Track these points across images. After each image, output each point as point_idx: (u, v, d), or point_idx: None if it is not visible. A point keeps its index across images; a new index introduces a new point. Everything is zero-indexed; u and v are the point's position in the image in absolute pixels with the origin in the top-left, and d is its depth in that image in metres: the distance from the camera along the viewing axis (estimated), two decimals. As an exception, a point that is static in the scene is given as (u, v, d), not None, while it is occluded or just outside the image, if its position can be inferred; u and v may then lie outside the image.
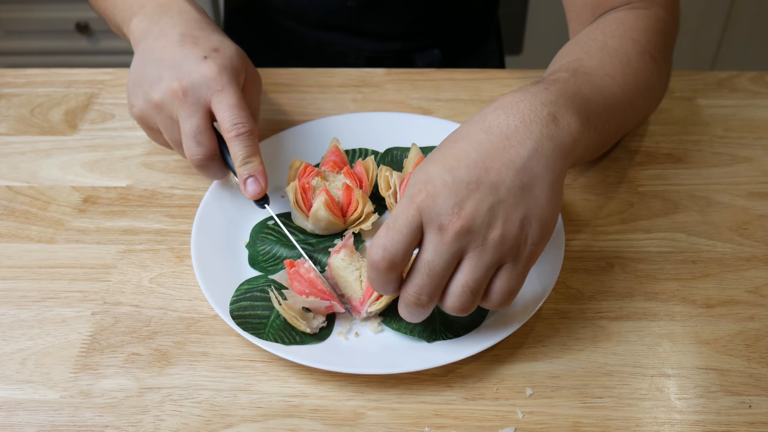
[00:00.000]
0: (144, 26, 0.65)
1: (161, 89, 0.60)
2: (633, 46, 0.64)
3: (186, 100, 0.60)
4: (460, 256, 0.49)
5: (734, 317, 0.60)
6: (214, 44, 0.62)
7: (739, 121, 0.79)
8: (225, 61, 0.61)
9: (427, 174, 0.49)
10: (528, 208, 0.49)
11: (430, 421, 0.53)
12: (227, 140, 0.61)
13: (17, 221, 0.68)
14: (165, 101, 0.60)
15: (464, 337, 0.56)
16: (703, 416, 0.53)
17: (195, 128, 0.60)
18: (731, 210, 0.69)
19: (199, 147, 0.61)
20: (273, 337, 0.55)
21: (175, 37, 0.62)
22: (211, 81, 0.60)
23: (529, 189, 0.49)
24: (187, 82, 0.60)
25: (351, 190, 0.63)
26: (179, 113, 0.60)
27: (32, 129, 0.78)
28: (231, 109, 0.60)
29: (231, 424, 0.53)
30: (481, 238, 0.48)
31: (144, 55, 0.63)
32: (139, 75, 0.63)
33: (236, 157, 0.61)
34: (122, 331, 0.59)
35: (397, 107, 0.80)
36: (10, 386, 0.55)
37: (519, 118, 0.50)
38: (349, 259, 0.59)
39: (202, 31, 0.63)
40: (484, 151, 0.49)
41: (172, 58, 0.61)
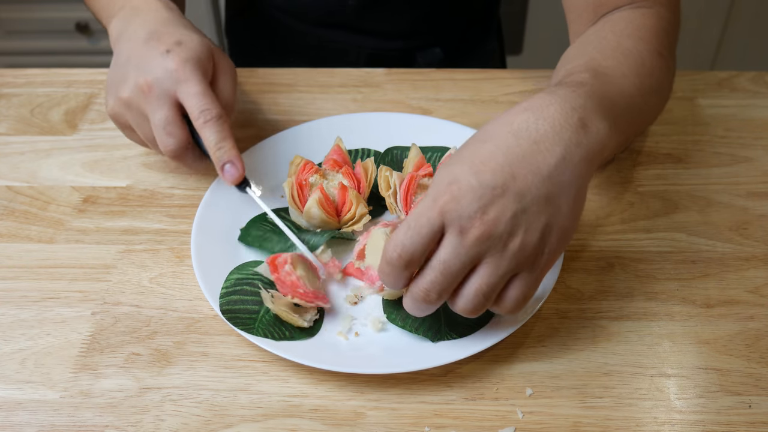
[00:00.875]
0: (119, 28, 0.67)
1: (128, 87, 0.62)
2: (644, 46, 0.64)
3: (152, 94, 0.61)
4: (477, 261, 0.48)
5: (734, 317, 0.60)
6: (176, 38, 0.63)
7: (739, 121, 0.79)
8: (188, 53, 0.62)
9: (453, 174, 0.48)
10: (550, 217, 0.48)
11: (430, 421, 0.53)
12: (198, 129, 0.62)
13: (17, 221, 0.68)
14: (132, 98, 0.62)
15: (464, 336, 0.56)
16: (703, 416, 0.53)
17: (164, 119, 0.61)
18: (731, 210, 0.69)
19: (170, 137, 0.62)
20: (263, 332, 0.55)
21: (142, 35, 0.64)
22: (174, 73, 0.61)
23: (554, 199, 0.48)
24: (152, 77, 0.61)
25: (346, 190, 0.63)
26: (147, 108, 0.62)
27: (32, 129, 0.78)
28: (196, 96, 0.61)
29: (231, 424, 0.53)
30: (501, 245, 0.47)
31: (117, 57, 0.65)
32: (111, 76, 0.65)
33: (208, 143, 0.62)
34: (122, 331, 0.59)
35: (397, 107, 0.80)
36: (10, 386, 0.55)
37: (549, 122, 0.49)
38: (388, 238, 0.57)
39: (167, 27, 0.64)
40: (512, 156, 0.48)
41: (138, 56, 0.63)
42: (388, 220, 0.60)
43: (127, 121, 0.64)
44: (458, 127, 0.74)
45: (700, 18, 1.80)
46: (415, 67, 0.89)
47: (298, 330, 0.56)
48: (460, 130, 0.74)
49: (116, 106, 0.64)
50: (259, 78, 0.84)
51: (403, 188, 0.63)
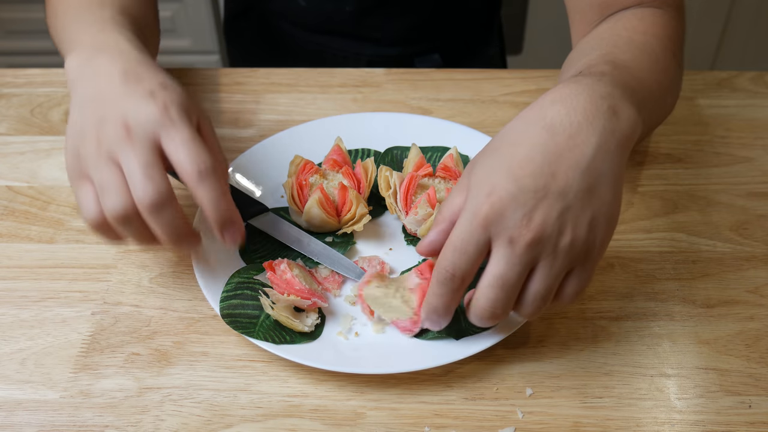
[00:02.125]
0: (78, 66, 0.57)
1: (104, 130, 0.51)
2: (657, 43, 0.63)
3: (131, 137, 0.51)
4: (532, 266, 0.48)
5: (734, 317, 0.60)
6: (159, 80, 0.54)
7: (739, 121, 0.79)
8: (174, 96, 0.53)
9: (490, 184, 0.47)
10: (595, 209, 0.48)
11: (430, 421, 0.53)
12: (189, 184, 0.52)
13: (17, 221, 0.68)
14: (104, 140, 0.51)
15: (486, 330, 0.56)
16: (703, 416, 0.53)
17: (144, 164, 0.50)
18: (731, 210, 0.69)
19: (150, 182, 0.50)
20: (263, 336, 0.55)
21: (115, 74, 0.54)
22: (159, 116, 0.51)
23: (596, 189, 0.48)
24: (132, 119, 0.51)
25: (346, 190, 0.63)
26: (121, 153, 0.51)
27: (32, 129, 0.78)
28: (187, 144, 0.51)
29: (231, 424, 0.53)
30: (552, 246, 0.47)
31: (82, 99, 0.55)
32: (77, 122, 0.53)
33: (204, 201, 0.52)
34: (122, 331, 0.59)
35: (397, 107, 0.80)
36: (10, 386, 0.55)
37: (581, 114, 0.48)
38: (384, 285, 0.57)
39: (145, 67, 0.56)
40: (549, 154, 0.47)
41: (114, 96, 0.53)
42: (368, 274, 0.58)
43: (86, 169, 0.52)
44: (458, 127, 0.74)
45: (700, 18, 1.80)
46: None
47: (299, 334, 0.56)
48: (460, 130, 0.74)
49: (81, 153, 0.52)
50: (259, 78, 0.84)
51: (403, 188, 0.63)
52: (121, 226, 0.52)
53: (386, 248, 0.65)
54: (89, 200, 0.52)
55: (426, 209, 0.61)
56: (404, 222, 0.64)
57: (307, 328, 0.56)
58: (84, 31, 0.61)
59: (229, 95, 0.82)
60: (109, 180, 0.51)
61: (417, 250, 0.53)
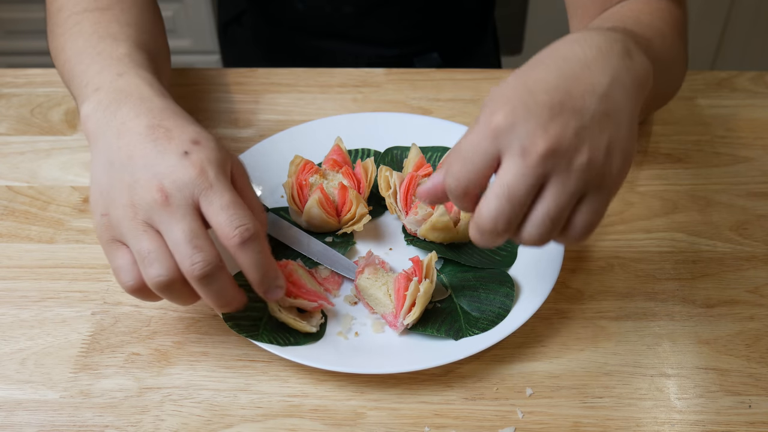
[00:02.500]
0: (99, 119, 0.54)
1: (138, 195, 0.49)
2: (663, 24, 0.63)
3: (169, 205, 0.49)
4: (543, 182, 0.45)
5: (734, 317, 0.60)
6: (191, 136, 0.51)
7: (739, 121, 0.79)
8: (209, 154, 0.51)
9: (504, 96, 0.45)
10: (612, 135, 0.45)
11: (430, 421, 0.53)
12: (231, 248, 0.50)
13: (17, 221, 0.68)
14: (140, 206, 0.49)
15: (486, 331, 0.56)
16: (703, 416, 0.53)
17: (189, 231, 0.48)
18: (731, 210, 0.69)
19: (199, 252, 0.48)
20: (267, 338, 0.55)
21: (141, 130, 0.52)
22: (196, 179, 0.49)
23: (613, 116, 0.46)
24: (169, 183, 0.49)
25: (346, 190, 0.63)
26: (162, 224, 0.49)
27: (32, 129, 0.78)
28: (227, 208, 0.49)
29: (231, 424, 0.53)
30: (566, 162, 0.44)
31: (107, 157, 0.52)
32: (104, 183, 0.51)
33: (249, 266, 0.50)
34: (122, 331, 0.59)
35: (397, 107, 0.80)
36: (10, 386, 0.55)
37: (596, 48, 0.47)
38: (374, 277, 0.58)
39: (172, 120, 0.53)
40: (565, 77, 0.45)
41: (144, 157, 0.50)
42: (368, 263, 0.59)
43: (121, 236, 0.50)
44: (458, 127, 0.74)
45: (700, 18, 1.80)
46: None
47: (303, 335, 0.56)
48: (460, 130, 0.74)
49: (114, 217, 0.50)
50: (258, 78, 0.84)
51: (403, 188, 0.63)
52: (164, 293, 0.50)
53: (386, 248, 0.65)
54: (126, 266, 0.50)
55: (426, 209, 0.61)
56: (404, 222, 0.64)
57: (313, 328, 0.56)
58: (100, 73, 0.57)
59: (229, 95, 0.82)
60: (150, 250, 0.49)
61: (417, 194, 0.49)
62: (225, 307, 0.52)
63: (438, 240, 0.63)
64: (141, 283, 0.50)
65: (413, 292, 0.55)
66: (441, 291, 0.60)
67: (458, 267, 0.62)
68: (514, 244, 0.63)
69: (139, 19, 0.66)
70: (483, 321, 0.57)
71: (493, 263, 0.62)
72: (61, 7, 0.66)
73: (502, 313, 0.57)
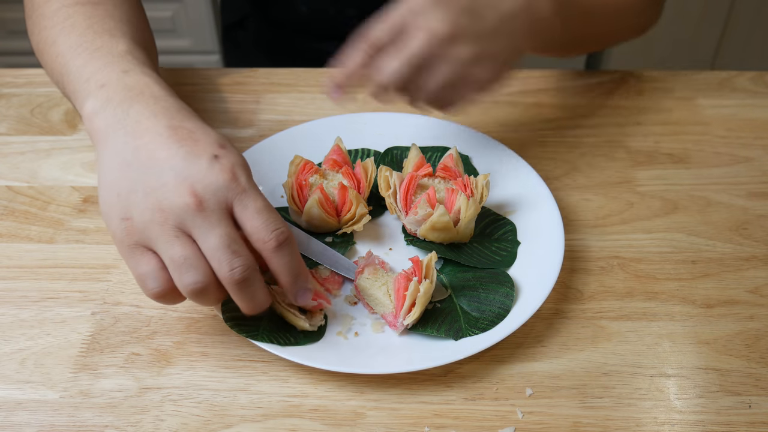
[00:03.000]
0: (109, 117, 0.52)
1: (168, 199, 0.48)
2: None
3: (204, 209, 0.48)
4: (434, 61, 0.57)
5: (734, 317, 0.60)
6: (215, 139, 0.51)
7: (739, 121, 0.79)
8: (237, 159, 0.50)
9: None
10: (493, 49, 0.59)
11: (429, 421, 0.53)
12: (266, 252, 0.50)
13: (17, 221, 0.68)
14: (171, 213, 0.48)
15: (485, 331, 0.56)
16: (703, 416, 0.53)
17: (226, 237, 0.48)
18: (731, 210, 0.69)
19: (238, 257, 0.48)
20: (268, 338, 0.55)
21: (162, 130, 0.50)
22: (230, 183, 0.48)
23: (502, 36, 0.58)
24: (202, 188, 0.48)
25: (346, 190, 0.63)
26: (196, 229, 0.48)
27: (32, 129, 0.78)
28: (262, 213, 0.49)
29: (231, 424, 0.53)
30: (458, 49, 0.57)
31: (122, 157, 0.50)
32: (122, 185, 0.49)
33: (283, 270, 0.51)
34: (122, 331, 0.59)
35: (397, 107, 0.80)
36: (10, 386, 0.55)
37: None
38: (374, 277, 0.58)
39: (192, 122, 0.52)
40: None
41: (170, 158, 0.49)
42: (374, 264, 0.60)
43: (148, 241, 0.49)
44: (458, 127, 0.74)
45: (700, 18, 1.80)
46: None
47: (302, 335, 0.56)
48: (460, 130, 0.74)
49: (139, 221, 0.48)
50: (259, 78, 0.84)
51: (402, 188, 0.63)
52: (196, 297, 0.49)
53: (386, 248, 0.65)
54: (153, 273, 0.49)
55: (426, 209, 0.61)
56: (404, 222, 0.64)
57: (310, 327, 0.56)
58: (103, 69, 0.56)
59: (229, 95, 0.82)
60: (185, 256, 0.48)
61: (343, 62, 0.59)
62: (256, 309, 0.51)
63: (438, 240, 0.63)
64: (169, 288, 0.49)
65: (413, 293, 0.55)
66: (441, 291, 0.60)
67: (458, 267, 0.62)
68: (514, 244, 0.63)
69: (132, 16, 0.65)
70: (483, 321, 0.57)
71: (493, 263, 0.62)
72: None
73: (502, 313, 0.57)
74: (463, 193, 0.61)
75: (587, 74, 0.85)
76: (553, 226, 0.63)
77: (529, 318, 0.56)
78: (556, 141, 0.76)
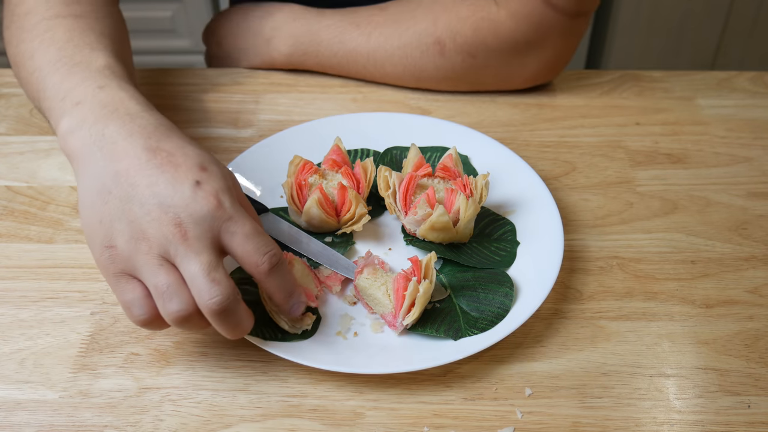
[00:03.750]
0: (84, 137, 0.51)
1: (152, 228, 0.47)
2: None
3: (187, 239, 0.47)
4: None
5: (733, 317, 0.60)
6: (196, 161, 0.49)
7: (738, 121, 0.79)
8: (219, 182, 0.49)
9: None
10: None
11: (429, 421, 0.53)
12: (259, 276, 0.50)
13: (16, 221, 0.68)
14: (157, 242, 0.48)
15: (485, 331, 0.56)
16: (702, 416, 0.53)
17: (207, 265, 0.47)
18: (731, 210, 0.69)
19: (217, 286, 0.47)
20: (254, 331, 0.55)
21: (140, 153, 0.49)
22: (214, 211, 0.48)
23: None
24: (185, 217, 0.47)
25: (345, 190, 0.63)
26: (179, 258, 0.47)
27: (32, 129, 0.78)
28: (251, 238, 0.48)
29: (230, 424, 0.53)
30: None
31: (101, 182, 0.49)
32: (104, 212, 0.49)
33: (278, 292, 0.51)
34: (121, 331, 0.59)
35: (397, 107, 0.80)
36: (10, 386, 0.55)
37: None
38: (374, 277, 0.58)
39: (170, 142, 0.50)
40: None
41: (151, 186, 0.48)
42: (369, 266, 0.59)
43: (132, 270, 0.49)
44: (458, 127, 0.74)
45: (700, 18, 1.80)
46: None
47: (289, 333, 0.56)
48: (460, 130, 0.74)
49: (123, 250, 0.48)
50: (258, 78, 0.84)
51: (402, 188, 0.63)
52: (180, 325, 0.49)
53: (385, 248, 0.65)
54: (138, 301, 0.48)
55: (425, 209, 0.61)
56: (403, 222, 0.64)
57: (290, 329, 0.56)
58: (79, 85, 0.55)
59: (229, 95, 0.82)
60: (168, 284, 0.47)
61: None
62: (237, 336, 0.51)
63: (437, 240, 0.63)
64: (154, 316, 0.49)
65: (412, 293, 0.55)
66: (440, 291, 0.60)
67: (457, 267, 0.62)
68: (514, 244, 0.63)
69: (113, 30, 0.64)
70: (482, 321, 0.57)
71: (493, 263, 0.62)
72: (30, 11, 0.63)
73: (502, 313, 0.57)
74: (462, 193, 0.61)
75: (587, 74, 0.85)
76: (553, 226, 0.63)
77: (528, 318, 0.56)
78: (556, 141, 0.76)
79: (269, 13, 0.83)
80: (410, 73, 0.79)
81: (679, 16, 1.74)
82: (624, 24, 1.73)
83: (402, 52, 0.77)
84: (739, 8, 1.79)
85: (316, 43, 0.80)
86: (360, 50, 0.78)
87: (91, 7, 0.65)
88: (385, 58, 0.78)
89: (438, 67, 0.77)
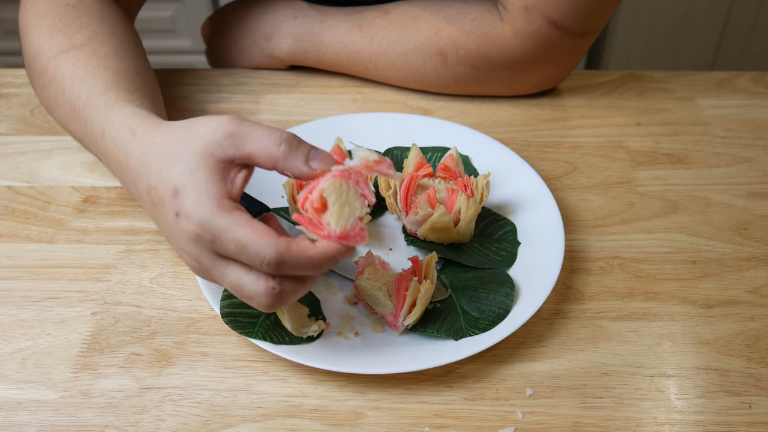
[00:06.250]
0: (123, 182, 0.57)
1: (184, 259, 0.51)
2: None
3: (204, 269, 0.50)
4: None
5: (734, 317, 0.60)
6: (170, 186, 0.48)
7: (739, 121, 0.79)
8: (190, 204, 0.47)
9: None
10: None
11: (429, 422, 0.53)
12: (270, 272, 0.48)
13: (17, 221, 0.68)
14: (197, 268, 0.51)
15: (486, 331, 0.56)
16: (703, 416, 0.53)
17: (235, 284, 0.48)
18: (731, 210, 0.69)
19: (250, 300, 0.48)
20: (262, 335, 0.55)
21: (144, 197, 0.52)
22: (198, 239, 0.47)
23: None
24: (188, 251, 0.49)
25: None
26: (215, 277, 0.50)
27: (32, 129, 0.78)
28: (242, 251, 0.46)
29: (231, 425, 0.53)
30: None
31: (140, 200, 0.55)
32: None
33: (298, 286, 0.49)
34: (122, 331, 0.59)
35: (397, 107, 0.80)
36: (10, 386, 0.55)
37: None
38: (375, 277, 0.58)
39: (152, 169, 0.50)
40: None
41: (160, 226, 0.52)
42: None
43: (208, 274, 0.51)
44: (458, 128, 0.74)
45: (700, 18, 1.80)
46: None
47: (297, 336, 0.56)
48: (460, 130, 0.74)
49: (192, 267, 0.51)
50: (259, 78, 0.84)
51: (403, 188, 0.63)
52: (275, 305, 0.48)
53: (386, 248, 0.65)
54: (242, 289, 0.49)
55: (426, 209, 0.61)
56: (404, 222, 0.64)
57: (296, 332, 0.55)
58: (87, 137, 0.59)
59: (229, 95, 0.82)
60: (236, 290, 0.48)
61: None
62: (303, 293, 0.50)
63: (438, 240, 0.63)
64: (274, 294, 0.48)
65: (413, 293, 0.55)
66: (441, 291, 0.60)
67: (458, 267, 0.62)
68: (514, 244, 0.63)
69: (119, 49, 0.64)
70: (483, 321, 0.57)
71: (493, 263, 0.62)
72: (37, 53, 0.64)
73: (502, 313, 0.57)
74: (463, 194, 0.61)
75: (587, 74, 0.85)
76: (554, 227, 0.63)
77: (529, 318, 0.56)
78: (556, 141, 0.76)
79: (270, 10, 0.83)
80: (412, 79, 0.79)
81: (679, 16, 1.74)
82: (624, 24, 1.73)
83: (404, 59, 0.77)
84: (739, 8, 1.79)
85: (318, 43, 0.80)
86: (362, 53, 0.79)
87: (93, 31, 0.64)
88: (388, 63, 0.78)
89: (440, 76, 0.78)
